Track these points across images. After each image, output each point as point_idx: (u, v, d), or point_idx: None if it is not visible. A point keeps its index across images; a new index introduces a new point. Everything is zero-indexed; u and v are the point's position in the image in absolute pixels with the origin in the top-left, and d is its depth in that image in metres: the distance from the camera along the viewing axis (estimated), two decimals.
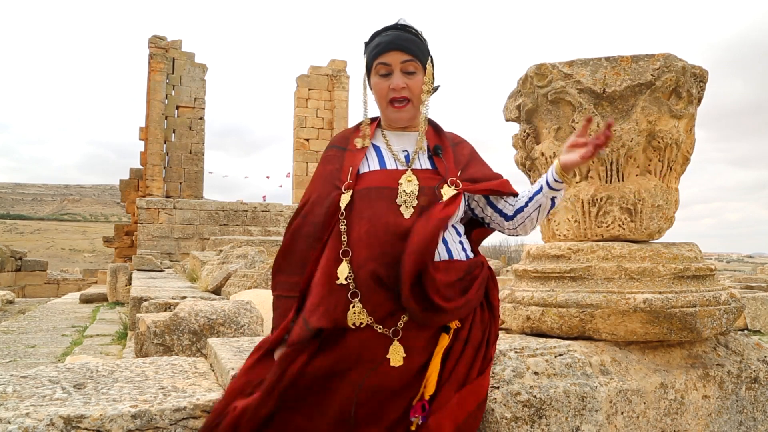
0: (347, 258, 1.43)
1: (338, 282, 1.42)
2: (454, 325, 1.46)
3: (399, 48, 1.48)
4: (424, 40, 1.54)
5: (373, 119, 1.65)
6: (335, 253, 1.45)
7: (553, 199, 1.54)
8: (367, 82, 1.59)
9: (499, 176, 1.61)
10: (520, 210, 1.58)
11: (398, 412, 1.39)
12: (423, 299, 1.39)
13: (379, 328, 1.40)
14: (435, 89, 1.56)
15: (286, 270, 1.56)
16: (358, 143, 1.59)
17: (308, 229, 1.52)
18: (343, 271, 1.42)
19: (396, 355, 1.39)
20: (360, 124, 1.65)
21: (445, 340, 1.44)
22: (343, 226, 1.46)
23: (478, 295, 1.49)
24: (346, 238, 1.45)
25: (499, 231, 1.66)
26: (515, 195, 1.61)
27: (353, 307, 1.40)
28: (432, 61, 1.55)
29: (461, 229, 1.60)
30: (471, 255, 1.58)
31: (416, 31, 1.52)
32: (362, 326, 1.40)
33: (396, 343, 1.39)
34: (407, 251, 1.38)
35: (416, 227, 1.41)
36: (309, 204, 1.56)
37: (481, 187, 1.54)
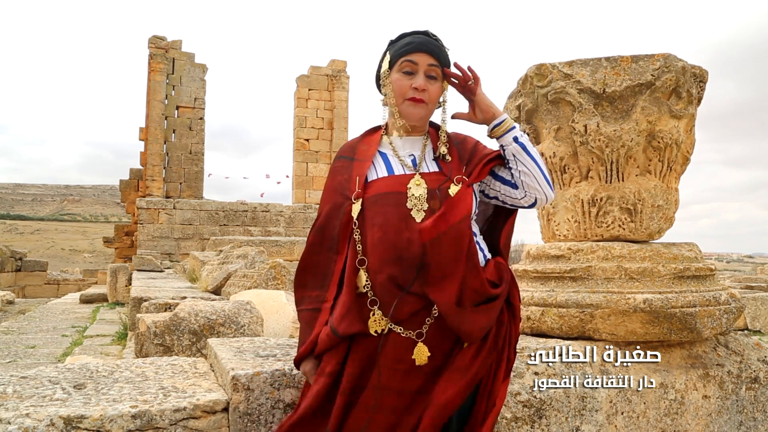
0: (363, 267, 1.45)
1: (358, 291, 1.45)
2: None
3: (429, 51, 1.52)
4: (448, 53, 1.58)
5: (377, 128, 1.66)
6: (354, 263, 1.47)
7: (515, 139, 1.51)
8: (385, 78, 1.59)
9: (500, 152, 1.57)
10: (514, 176, 1.56)
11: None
12: (464, 295, 1.40)
13: (402, 332, 1.41)
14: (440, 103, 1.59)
15: (310, 284, 1.57)
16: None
17: (327, 243, 1.55)
18: (361, 279, 1.45)
19: (421, 355, 1.40)
20: (365, 132, 1.68)
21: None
22: (357, 236, 1.48)
23: (501, 300, 1.49)
24: (361, 247, 1.47)
25: (517, 205, 1.60)
26: None
27: (373, 314, 1.42)
28: None
29: (476, 228, 1.59)
30: (489, 255, 1.57)
31: (442, 42, 1.57)
32: (384, 332, 1.41)
33: (420, 344, 1.40)
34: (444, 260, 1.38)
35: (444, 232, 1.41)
36: (323, 217, 1.58)
37: (482, 164, 1.53)
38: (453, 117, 1.58)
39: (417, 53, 1.52)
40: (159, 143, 18.12)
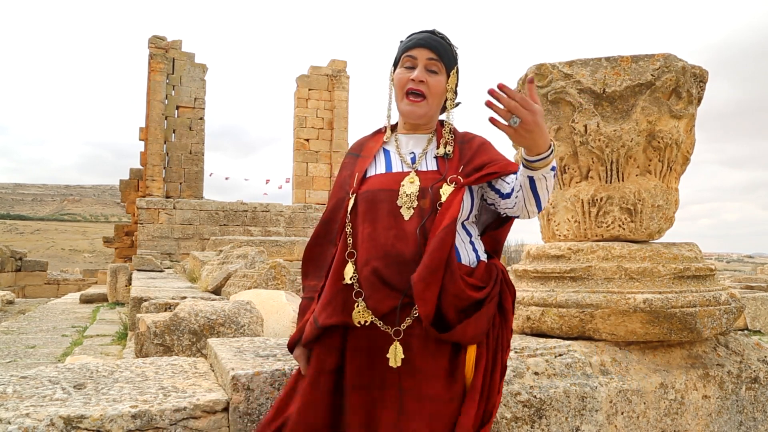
0: (352, 259, 1.48)
1: (344, 282, 1.46)
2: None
3: (427, 46, 1.53)
4: (455, 50, 1.58)
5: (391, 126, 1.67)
6: (343, 255, 1.50)
7: (530, 178, 1.40)
8: (392, 76, 1.61)
9: (504, 159, 1.55)
10: (513, 189, 1.51)
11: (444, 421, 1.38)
12: (437, 319, 1.40)
13: (382, 326, 1.41)
14: (456, 104, 1.59)
15: (311, 274, 1.63)
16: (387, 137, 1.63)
17: (330, 236, 1.60)
18: (349, 271, 1.47)
19: (394, 355, 1.39)
20: (377, 130, 1.70)
21: (473, 351, 1.43)
22: (348, 229, 1.51)
23: (492, 303, 1.47)
24: (351, 240, 1.50)
25: (502, 212, 1.58)
26: (516, 172, 1.51)
27: (357, 306, 1.44)
28: (457, 72, 1.58)
29: (472, 229, 1.58)
30: (483, 256, 1.56)
31: (449, 40, 1.57)
32: (367, 324, 1.42)
33: (396, 343, 1.40)
34: (418, 275, 1.37)
35: (428, 245, 1.41)
36: (328, 211, 1.63)
37: (479, 174, 1.50)
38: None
39: (416, 48, 1.53)
40: (159, 143, 18.12)
